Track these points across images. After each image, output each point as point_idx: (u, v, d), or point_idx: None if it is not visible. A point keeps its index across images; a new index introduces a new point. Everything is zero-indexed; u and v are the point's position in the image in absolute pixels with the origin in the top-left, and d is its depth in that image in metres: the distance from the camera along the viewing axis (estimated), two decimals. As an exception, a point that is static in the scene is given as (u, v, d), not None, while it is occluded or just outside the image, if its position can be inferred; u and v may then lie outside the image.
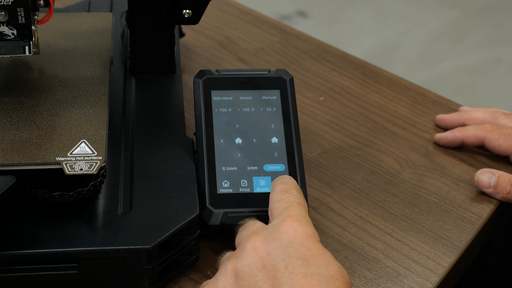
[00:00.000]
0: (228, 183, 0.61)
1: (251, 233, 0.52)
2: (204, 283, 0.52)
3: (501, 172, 0.69)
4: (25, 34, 0.57)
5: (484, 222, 0.67)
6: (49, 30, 0.68)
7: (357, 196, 0.69)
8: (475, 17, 2.33)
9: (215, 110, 0.65)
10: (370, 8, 2.36)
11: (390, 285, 0.61)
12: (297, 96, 0.79)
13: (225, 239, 0.60)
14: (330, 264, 0.49)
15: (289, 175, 0.61)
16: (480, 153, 0.74)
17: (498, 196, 0.69)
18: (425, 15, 2.33)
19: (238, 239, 0.54)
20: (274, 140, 0.63)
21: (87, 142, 0.56)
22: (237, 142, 0.63)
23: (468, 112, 0.76)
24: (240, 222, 0.55)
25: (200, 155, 0.62)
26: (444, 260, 0.63)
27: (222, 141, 0.63)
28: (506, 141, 0.71)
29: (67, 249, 0.54)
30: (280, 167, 0.62)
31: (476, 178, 0.69)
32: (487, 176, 0.69)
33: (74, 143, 0.56)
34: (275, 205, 0.54)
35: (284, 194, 0.54)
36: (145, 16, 0.69)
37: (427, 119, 0.78)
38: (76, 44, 0.67)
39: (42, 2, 0.57)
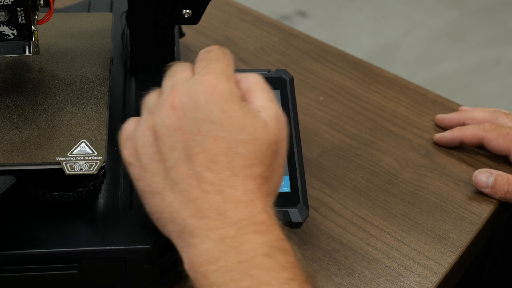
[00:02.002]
0: (228, 183, 0.61)
1: (171, 87, 0.52)
2: (124, 128, 0.54)
3: (499, 172, 0.69)
4: (25, 34, 0.57)
5: (484, 222, 0.67)
6: (49, 30, 0.68)
7: (357, 196, 0.69)
8: (475, 17, 2.33)
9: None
10: (370, 8, 2.36)
11: (390, 285, 0.61)
12: (297, 96, 0.79)
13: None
14: (242, 127, 0.49)
15: (289, 175, 0.61)
16: (480, 153, 0.74)
17: (496, 196, 0.69)
18: (425, 15, 2.33)
19: (163, 85, 0.54)
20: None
21: (87, 142, 0.56)
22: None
23: (468, 112, 0.76)
24: (169, 64, 0.56)
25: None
26: (444, 260, 0.63)
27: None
28: (505, 141, 0.71)
29: (67, 249, 0.54)
30: (280, 167, 0.62)
31: (474, 178, 0.69)
32: (485, 176, 0.69)
33: (74, 143, 0.56)
34: (196, 64, 0.54)
35: (206, 54, 0.54)
36: (145, 16, 0.69)
37: (427, 119, 0.78)
38: (76, 44, 0.67)
39: (42, 2, 0.57)
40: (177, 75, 0.53)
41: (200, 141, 0.49)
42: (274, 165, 0.51)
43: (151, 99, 0.54)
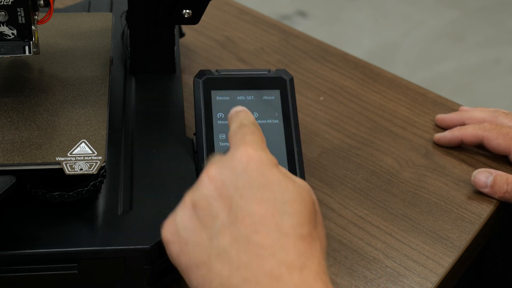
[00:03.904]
0: (228, 183, 0.61)
1: (208, 164, 0.51)
2: (167, 220, 0.51)
3: (498, 172, 0.69)
4: (25, 34, 0.57)
5: (484, 222, 0.67)
6: (49, 30, 0.68)
7: (357, 196, 0.69)
8: (475, 17, 2.33)
9: (215, 110, 0.65)
10: (370, 8, 2.36)
11: (390, 285, 0.61)
12: (297, 96, 0.79)
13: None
14: (286, 188, 0.48)
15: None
16: (480, 153, 0.74)
17: (495, 196, 0.69)
18: (425, 15, 2.33)
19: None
20: (274, 139, 0.63)
21: (87, 142, 0.56)
22: (237, 142, 0.63)
23: (468, 112, 0.76)
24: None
25: (200, 155, 0.62)
26: (444, 260, 0.63)
27: (222, 141, 0.63)
28: (505, 140, 0.71)
29: (67, 249, 0.54)
30: (280, 167, 0.62)
31: (473, 178, 0.69)
32: (484, 176, 0.69)
33: (74, 143, 0.56)
34: (231, 140, 0.52)
35: (239, 129, 0.53)
36: (145, 16, 0.69)
37: (427, 119, 0.78)
38: (76, 44, 0.67)
39: (42, 2, 0.57)
40: (212, 158, 0.52)
41: (243, 206, 0.46)
42: (318, 224, 0.49)
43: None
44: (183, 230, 0.48)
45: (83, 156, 0.55)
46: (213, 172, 0.49)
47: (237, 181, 0.47)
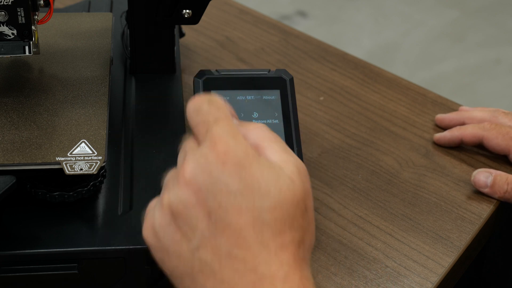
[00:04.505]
0: (228, 183, 0.61)
1: (182, 158, 0.48)
2: (146, 212, 0.50)
3: (498, 172, 0.69)
4: (25, 34, 0.57)
5: (484, 222, 0.67)
6: (49, 30, 0.68)
7: (357, 196, 0.69)
8: (475, 17, 2.33)
9: (215, 110, 0.64)
10: (370, 8, 2.36)
11: (390, 285, 0.61)
12: (297, 96, 0.79)
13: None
14: (266, 194, 0.45)
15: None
16: (480, 153, 0.74)
17: (495, 196, 0.69)
18: (425, 15, 2.33)
19: (178, 157, 0.50)
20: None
21: (87, 142, 0.56)
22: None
23: (467, 112, 0.76)
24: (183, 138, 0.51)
25: (200, 155, 0.62)
26: (444, 260, 0.63)
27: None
28: (505, 140, 0.71)
29: (67, 249, 0.54)
30: (280, 167, 0.62)
31: (473, 177, 0.69)
32: (484, 176, 0.69)
33: (74, 143, 0.56)
34: (194, 131, 0.49)
35: (198, 116, 0.49)
36: (145, 16, 0.69)
37: (427, 119, 0.78)
38: (76, 44, 0.67)
39: (42, 2, 0.57)
40: (186, 146, 0.49)
41: (222, 216, 0.45)
42: (305, 223, 0.47)
43: (169, 174, 0.50)
44: (163, 236, 0.47)
45: (83, 156, 0.55)
46: (189, 174, 0.46)
47: (213, 187, 0.45)
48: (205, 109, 0.49)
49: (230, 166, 0.46)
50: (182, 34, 0.82)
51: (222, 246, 0.45)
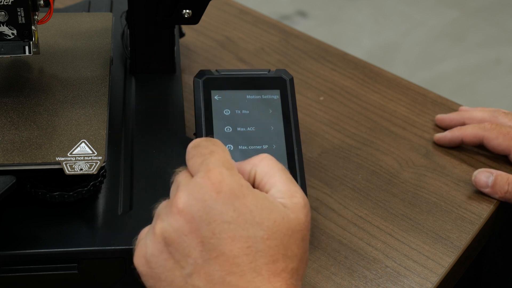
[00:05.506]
0: (228, 183, 0.61)
1: (175, 189, 0.49)
2: (137, 241, 0.50)
3: (499, 172, 0.69)
4: (25, 34, 0.57)
5: (484, 222, 0.67)
6: (49, 30, 0.68)
7: (357, 196, 0.69)
8: (475, 17, 2.33)
9: (215, 110, 0.64)
10: (370, 8, 2.36)
11: (390, 285, 0.61)
12: (297, 96, 0.79)
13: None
14: (260, 223, 0.46)
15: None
16: (480, 153, 0.74)
17: (496, 196, 0.69)
18: (425, 15, 2.33)
19: (171, 190, 0.51)
20: (274, 140, 0.63)
21: (87, 142, 0.56)
22: (236, 142, 0.63)
23: (467, 112, 0.76)
24: (176, 170, 0.52)
25: (200, 155, 0.62)
26: (444, 260, 0.63)
27: (222, 141, 0.63)
28: (505, 140, 0.71)
29: (67, 249, 0.54)
30: (280, 167, 0.62)
31: (474, 177, 0.69)
32: (485, 176, 0.69)
33: (74, 143, 0.56)
34: (189, 163, 0.50)
35: (195, 149, 0.50)
36: (145, 16, 0.69)
37: (427, 119, 0.78)
38: (76, 44, 0.67)
39: (42, 2, 0.57)
40: (179, 177, 0.50)
41: (216, 244, 0.45)
42: (300, 253, 0.48)
43: (161, 205, 0.50)
44: (155, 264, 0.47)
45: (83, 156, 0.55)
46: (182, 204, 0.47)
47: (207, 216, 0.46)
48: (203, 144, 0.50)
49: (224, 195, 0.46)
50: (182, 34, 0.82)
51: (215, 273, 0.46)
